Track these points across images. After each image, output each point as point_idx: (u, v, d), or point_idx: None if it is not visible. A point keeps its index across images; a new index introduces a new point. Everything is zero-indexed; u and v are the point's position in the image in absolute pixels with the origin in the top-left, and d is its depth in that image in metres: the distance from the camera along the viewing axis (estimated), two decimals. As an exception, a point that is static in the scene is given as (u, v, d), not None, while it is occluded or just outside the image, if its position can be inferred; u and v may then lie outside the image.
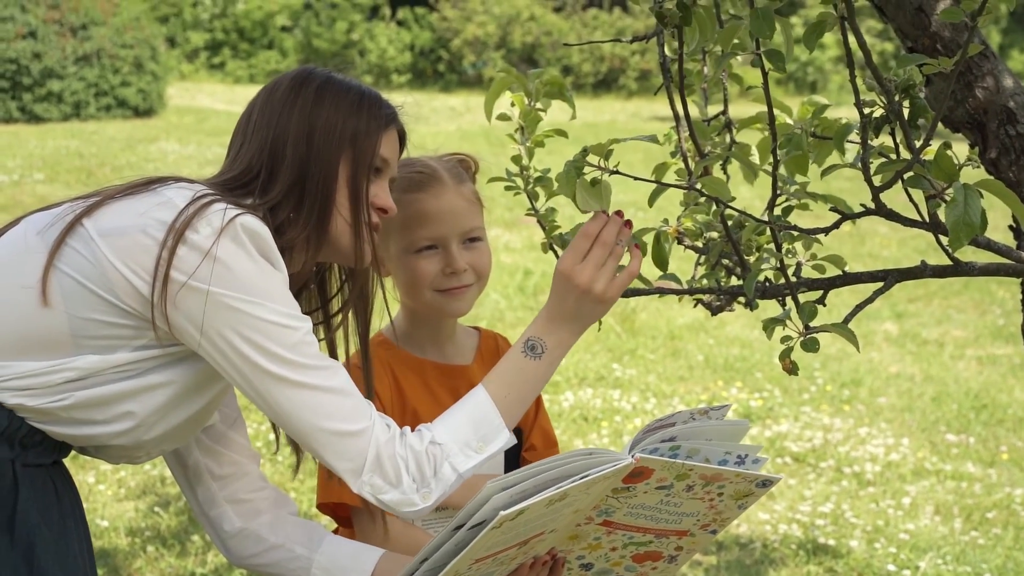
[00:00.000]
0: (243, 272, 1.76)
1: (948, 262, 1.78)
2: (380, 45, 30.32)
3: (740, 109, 2.13)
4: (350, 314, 2.09)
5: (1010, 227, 2.18)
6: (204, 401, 1.92)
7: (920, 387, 6.94)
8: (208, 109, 22.08)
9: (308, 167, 1.90)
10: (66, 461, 1.95)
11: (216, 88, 27.47)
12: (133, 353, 1.81)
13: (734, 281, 2.14)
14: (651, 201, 1.89)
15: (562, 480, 1.71)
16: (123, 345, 1.80)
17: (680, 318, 8.38)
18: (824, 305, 1.81)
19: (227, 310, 1.75)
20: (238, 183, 1.91)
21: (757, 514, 4.98)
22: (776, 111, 1.79)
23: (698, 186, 1.79)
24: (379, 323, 2.24)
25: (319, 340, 1.90)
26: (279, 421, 1.82)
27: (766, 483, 1.89)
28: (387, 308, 2.14)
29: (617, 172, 1.82)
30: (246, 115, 1.98)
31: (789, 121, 1.83)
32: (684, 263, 1.99)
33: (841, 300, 2.03)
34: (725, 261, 2.12)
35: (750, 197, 1.98)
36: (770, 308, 2.14)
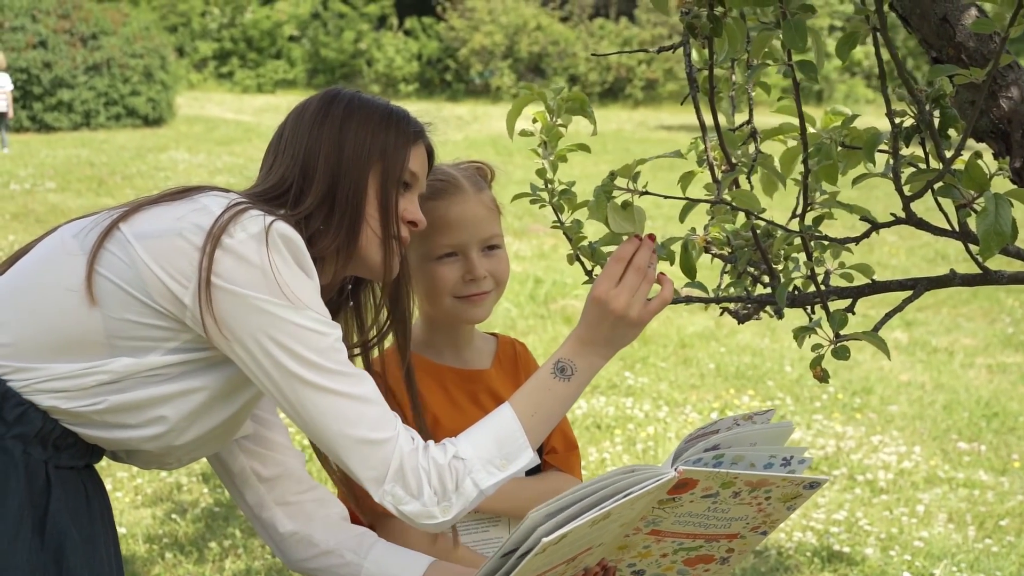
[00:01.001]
0: (278, 276, 1.78)
1: (976, 271, 1.80)
2: (387, 55, 30.39)
3: (759, 120, 2.16)
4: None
5: (1035, 236, 2.20)
6: (235, 408, 1.94)
7: (931, 395, 6.96)
8: (217, 118, 22.14)
9: (339, 180, 1.93)
10: (89, 468, 1.98)
11: (225, 97, 27.54)
12: (166, 356, 1.84)
13: (759, 289, 2.16)
14: (682, 217, 1.91)
15: (604, 500, 1.71)
16: (156, 348, 1.83)
17: (690, 327, 8.40)
18: (853, 313, 1.83)
19: (260, 313, 1.78)
20: (271, 195, 1.94)
21: (771, 522, 4.99)
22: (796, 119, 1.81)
23: (727, 198, 1.81)
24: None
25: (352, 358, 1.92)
26: (305, 426, 1.84)
27: (813, 484, 1.89)
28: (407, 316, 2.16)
29: (647, 192, 1.84)
30: (278, 134, 2.02)
31: (812, 131, 1.85)
32: (706, 272, 2.01)
33: (859, 309, 2.05)
34: (751, 269, 2.14)
35: (771, 206, 2.00)
36: (791, 317, 2.16)
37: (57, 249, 1.88)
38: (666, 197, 1.83)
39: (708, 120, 2.02)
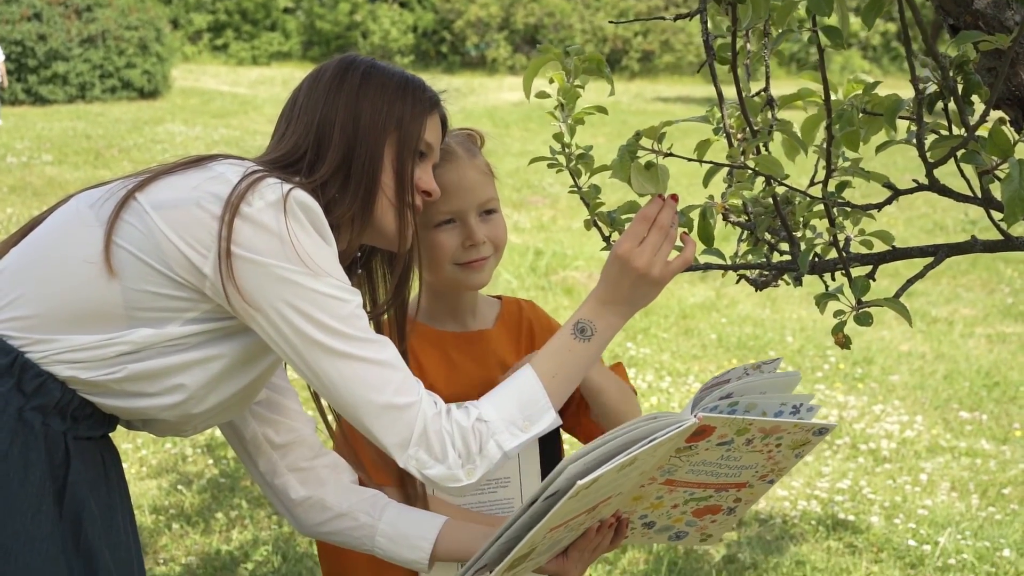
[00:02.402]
0: (297, 244, 1.77)
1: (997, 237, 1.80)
2: (383, 27, 30.30)
3: (771, 90, 2.15)
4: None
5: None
6: (254, 375, 1.94)
7: (931, 365, 6.98)
8: (213, 91, 22.07)
9: (355, 149, 1.92)
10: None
11: (220, 70, 27.45)
12: (185, 327, 1.83)
13: (775, 257, 2.16)
14: (706, 181, 1.91)
15: (630, 445, 1.74)
16: (175, 318, 1.82)
17: (691, 297, 8.41)
18: (874, 280, 1.83)
19: (281, 282, 1.77)
20: (285, 162, 1.93)
21: (776, 491, 5.02)
22: (819, 85, 1.81)
23: (750, 163, 1.81)
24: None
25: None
26: (327, 394, 1.84)
27: (823, 431, 1.92)
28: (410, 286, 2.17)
29: (671, 155, 1.83)
30: (291, 100, 2.01)
31: (835, 97, 1.84)
32: (720, 240, 2.01)
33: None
34: (768, 236, 2.14)
35: (790, 173, 2.01)
36: (793, 288, 2.16)
37: (73, 220, 1.87)
38: (690, 160, 1.83)
39: (724, 89, 2.02)
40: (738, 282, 2.16)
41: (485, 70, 30.15)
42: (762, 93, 2.13)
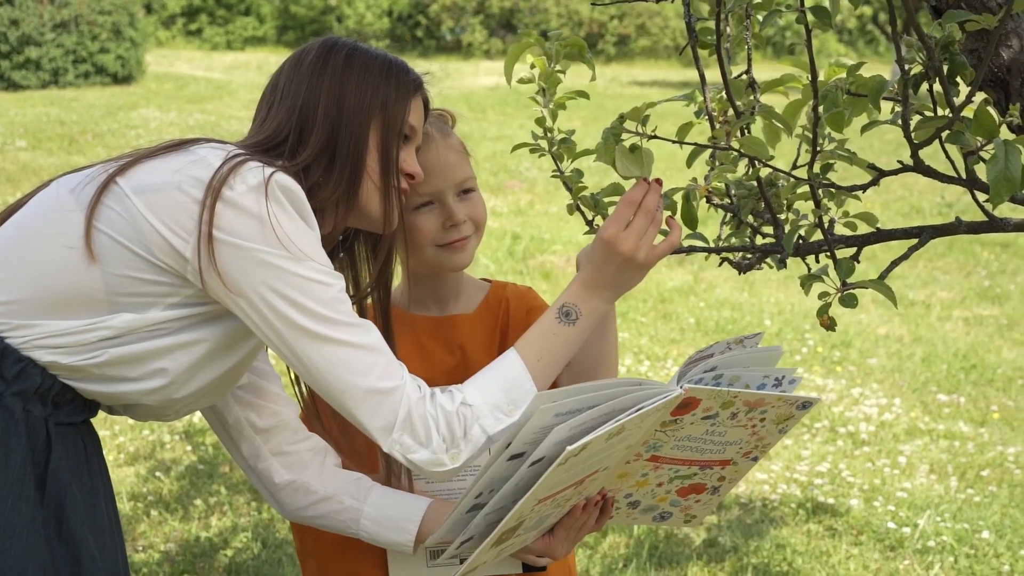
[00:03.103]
0: (280, 228, 1.76)
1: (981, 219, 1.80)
2: (358, 10, 30.18)
3: (754, 74, 2.14)
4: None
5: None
6: (235, 359, 1.93)
7: (909, 348, 7.00)
8: (187, 76, 21.97)
9: (339, 132, 1.91)
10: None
11: (194, 55, 27.32)
12: (166, 312, 1.82)
13: (759, 240, 2.15)
14: (690, 161, 1.90)
15: (616, 413, 1.74)
16: (157, 303, 1.81)
17: (669, 281, 8.41)
18: (859, 262, 1.83)
19: (263, 266, 1.76)
20: (267, 145, 1.92)
21: (755, 474, 5.03)
22: (801, 71, 1.80)
23: (735, 145, 1.81)
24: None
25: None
26: (311, 379, 1.83)
27: (806, 404, 1.92)
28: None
29: (656, 137, 1.82)
30: (272, 83, 1.99)
31: (819, 79, 1.83)
32: (703, 224, 2.01)
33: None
34: (751, 219, 2.13)
35: (773, 158, 2.01)
36: (773, 272, 2.16)
37: (53, 206, 1.86)
38: (674, 142, 1.82)
39: (706, 71, 2.01)
40: (720, 265, 2.15)
41: (460, 54, 30.08)
42: (744, 75, 2.12)
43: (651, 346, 6.89)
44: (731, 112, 1.90)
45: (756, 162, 1.83)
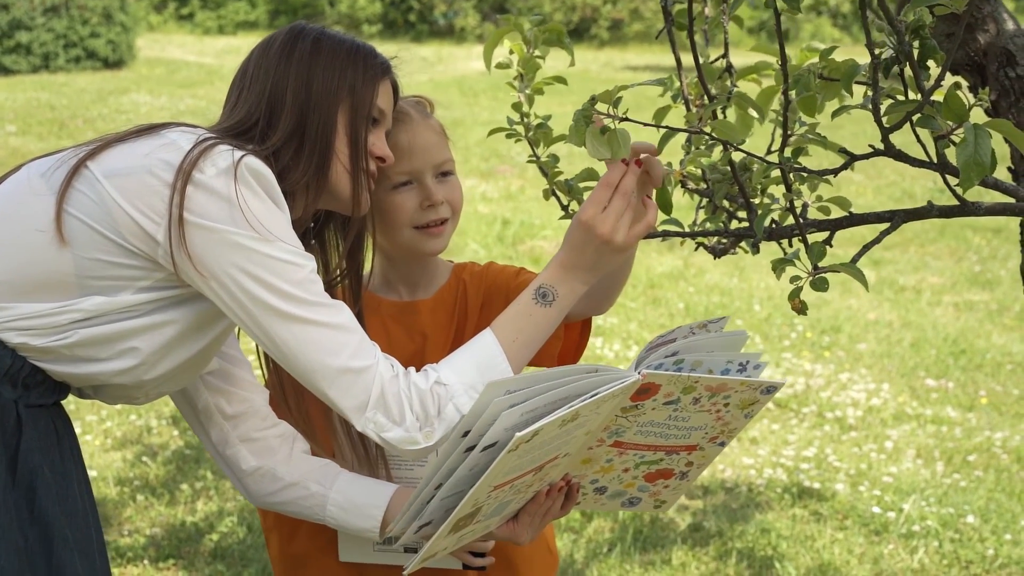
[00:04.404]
0: (249, 210, 1.77)
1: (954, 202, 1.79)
2: (351, -5, 30.10)
3: (732, 60, 2.14)
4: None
5: (1009, 169, 2.20)
6: (206, 341, 1.93)
7: (898, 333, 7.00)
8: (179, 60, 21.92)
9: (308, 116, 1.92)
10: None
11: (186, 39, 27.25)
12: (137, 295, 1.82)
13: (734, 225, 2.15)
14: (661, 146, 1.89)
15: (571, 399, 1.73)
16: (128, 286, 1.82)
17: (659, 267, 8.41)
18: (831, 246, 1.83)
19: (234, 248, 1.76)
20: (237, 130, 1.93)
21: (742, 459, 5.03)
22: (774, 58, 1.79)
23: (707, 129, 1.80)
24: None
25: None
26: (283, 359, 1.83)
27: (770, 389, 1.91)
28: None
29: (627, 119, 1.82)
30: (241, 70, 2.01)
31: (792, 64, 1.83)
32: (680, 210, 2.00)
33: (834, 246, 2.06)
34: (727, 204, 2.13)
35: (747, 144, 2.01)
36: (761, 256, 2.16)
37: (23, 190, 1.86)
38: (646, 125, 1.81)
39: (685, 56, 2.00)
40: (696, 249, 2.15)
41: (453, 39, 30.01)
42: (721, 59, 2.12)
43: (640, 331, 6.88)
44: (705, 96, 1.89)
45: (728, 146, 1.83)
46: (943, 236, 9.57)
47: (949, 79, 1.65)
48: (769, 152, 2.00)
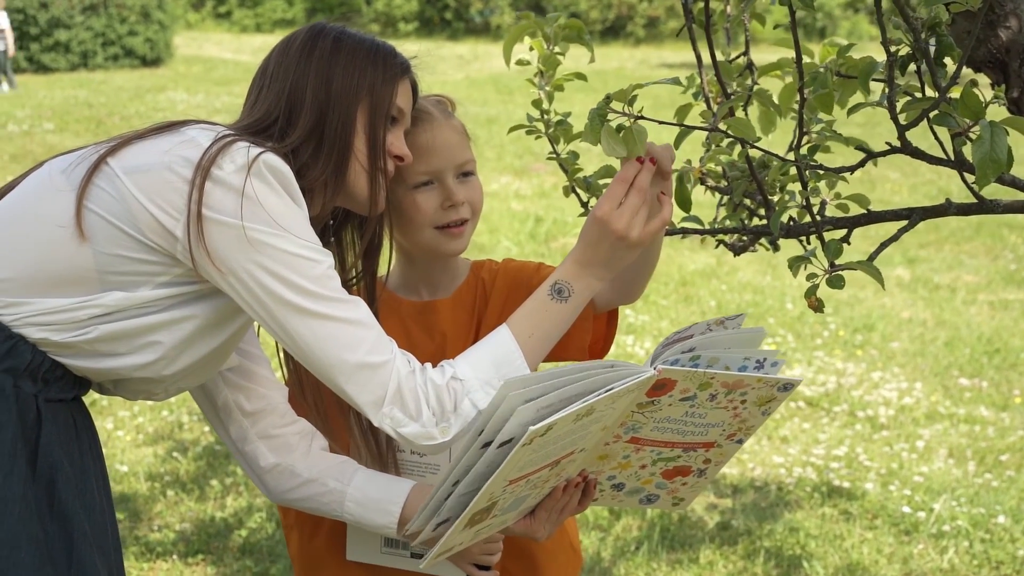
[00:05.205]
0: (268, 206, 1.78)
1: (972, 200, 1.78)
2: (387, -7, 30.18)
3: (756, 57, 2.13)
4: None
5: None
6: (225, 336, 1.94)
7: (932, 332, 6.96)
8: (216, 58, 22.03)
9: (327, 114, 1.93)
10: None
11: (223, 37, 27.39)
12: (156, 290, 1.83)
13: (754, 222, 2.14)
14: (677, 143, 1.89)
15: (586, 394, 1.73)
16: (147, 282, 1.83)
17: (691, 264, 8.39)
18: (849, 243, 1.82)
19: (252, 243, 1.77)
20: (257, 128, 1.94)
21: (772, 457, 5.01)
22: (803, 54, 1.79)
23: (723, 127, 1.80)
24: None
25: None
26: (301, 355, 1.84)
27: (787, 386, 1.90)
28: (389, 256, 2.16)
29: (642, 117, 1.82)
30: (262, 68, 2.02)
31: (808, 60, 1.82)
32: (702, 208, 1.99)
33: (859, 245, 2.05)
34: (747, 201, 2.12)
35: (769, 141, 2.00)
36: (788, 251, 2.15)
37: (45, 185, 1.88)
38: (661, 123, 1.81)
39: (704, 53, 2.00)
40: (717, 247, 2.14)
41: (489, 36, 30.04)
42: (742, 57, 2.11)
43: (671, 329, 6.87)
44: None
45: (745, 144, 1.82)
46: (979, 234, 9.50)
47: (965, 76, 1.63)
48: (789, 150, 1.99)
